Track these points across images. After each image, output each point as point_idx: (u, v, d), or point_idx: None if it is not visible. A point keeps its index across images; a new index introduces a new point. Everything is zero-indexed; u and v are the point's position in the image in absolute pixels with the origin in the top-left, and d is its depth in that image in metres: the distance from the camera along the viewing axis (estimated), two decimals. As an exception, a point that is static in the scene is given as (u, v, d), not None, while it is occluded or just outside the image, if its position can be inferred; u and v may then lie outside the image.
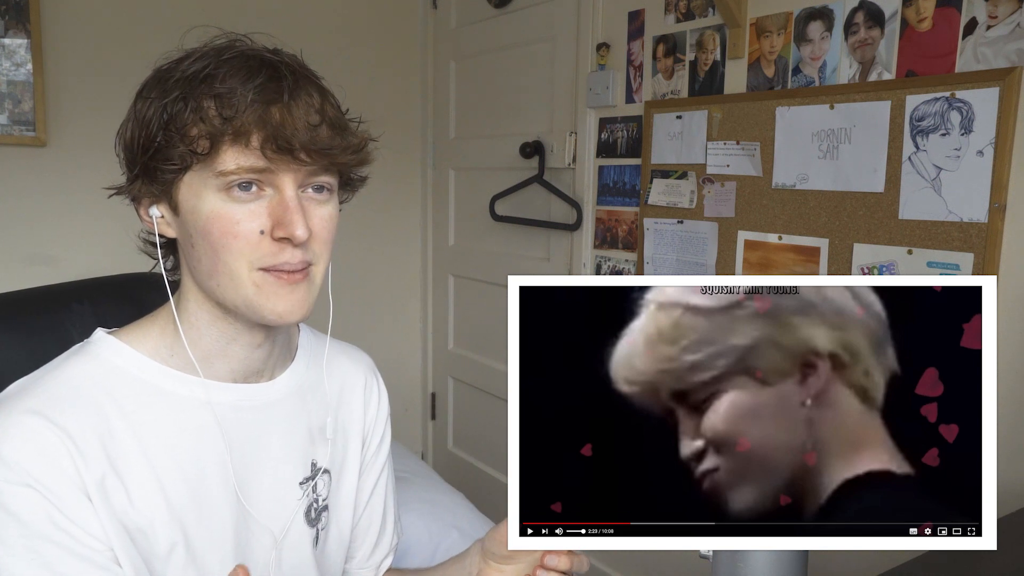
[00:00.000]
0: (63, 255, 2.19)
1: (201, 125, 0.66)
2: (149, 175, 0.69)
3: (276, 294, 0.70)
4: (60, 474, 0.66)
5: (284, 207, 0.68)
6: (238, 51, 0.69)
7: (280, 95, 0.66)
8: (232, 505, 0.76)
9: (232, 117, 0.65)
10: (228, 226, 0.67)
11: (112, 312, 0.92)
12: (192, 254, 0.71)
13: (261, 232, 0.68)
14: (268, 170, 0.67)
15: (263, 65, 0.68)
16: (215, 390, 0.76)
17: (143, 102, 0.69)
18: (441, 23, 2.69)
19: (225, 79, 0.66)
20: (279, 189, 0.68)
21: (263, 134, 0.66)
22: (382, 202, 2.72)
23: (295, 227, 0.67)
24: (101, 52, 2.18)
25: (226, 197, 0.67)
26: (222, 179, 0.66)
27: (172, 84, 0.67)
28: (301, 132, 0.67)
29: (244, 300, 0.70)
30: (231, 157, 0.66)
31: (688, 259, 1.85)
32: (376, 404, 0.93)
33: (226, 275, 0.69)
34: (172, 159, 0.67)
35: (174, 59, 0.70)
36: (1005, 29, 1.26)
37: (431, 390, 2.93)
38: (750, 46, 1.67)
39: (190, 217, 0.69)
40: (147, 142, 0.68)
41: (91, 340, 0.76)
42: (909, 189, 1.40)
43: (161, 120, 0.67)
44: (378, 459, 0.94)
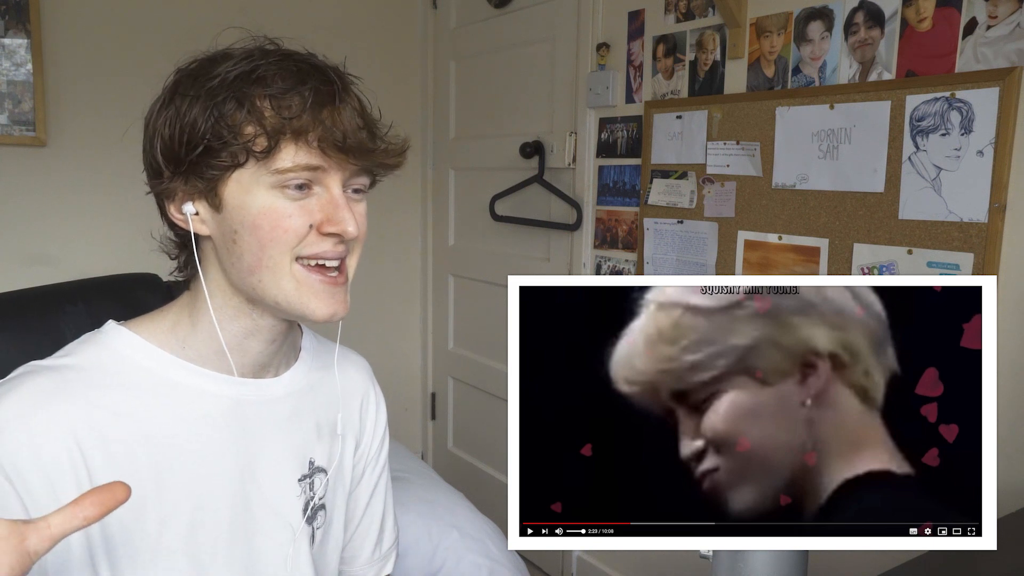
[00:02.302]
0: (63, 255, 2.19)
1: (258, 123, 0.68)
2: (194, 172, 0.70)
3: (318, 295, 0.72)
4: (40, 465, 0.66)
5: (335, 204, 0.71)
6: (283, 54, 0.71)
7: (332, 98, 0.70)
8: (232, 497, 0.77)
9: (291, 117, 0.68)
10: (279, 220, 0.70)
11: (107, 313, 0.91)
12: (232, 250, 0.72)
13: (310, 227, 0.71)
14: (321, 168, 0.70)
15: (314, 69, 0.71)
16: (224, 383, 0.77)
17: (183, 100, 0.69)
18: (441, 23, 2.69)
19: (277, 80, 0.68)
20: (327, 187, 0.71)
21: (320, 133, 0.68)
22: (382, 202, 2.72)
23: (347, 223, 0.71)
24: (101, 52, 2.17)
25: (279, 194, 0.70)
26: (278, 176, 0.69)
27: (218, 84, 0.68)
28: (351, 134, 0.70)
29: (284, 296, 0.72)
30: (289, 155, 0.68)
31: (688, 259, 1.85)
32: (374, 413, 0.95)
33: (269, 269, 0.71)
34: (223, 156, 0.68)
35: (205, 59, 0.71)
36: (1005, 29, 1.26)
37: (431, 390, 2.93)
38: (750, 46, 1.67)
39: (237, 213, 0.71)
40: (195, 140, 0.69)
41: (103, 329, 0.77)
42: (909, 189, 1.40)
43: (210, 119, 0.68)
44: (378, 466, 0.95)
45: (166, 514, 0.72)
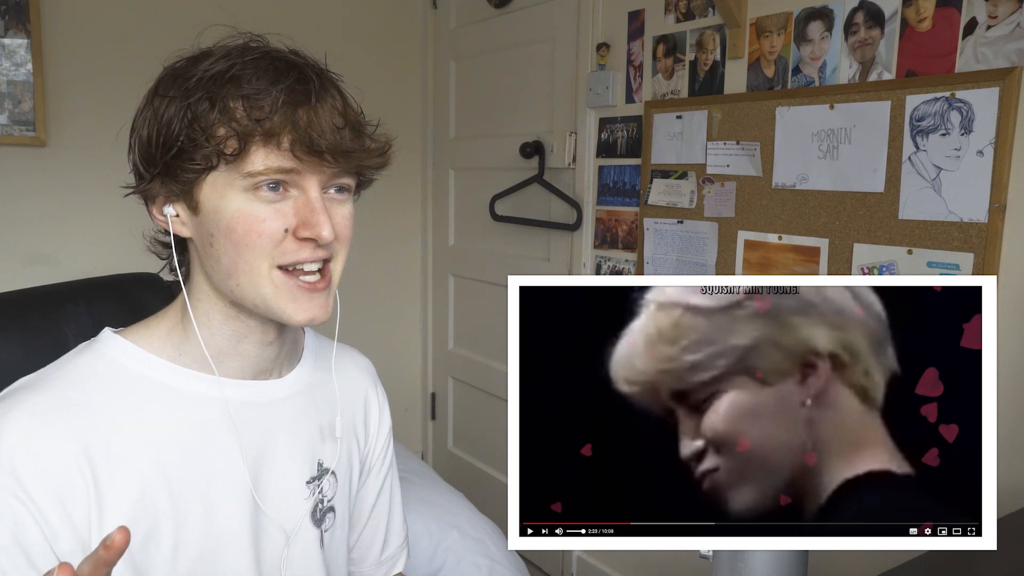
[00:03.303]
0: (63, 255, 2.19)
1: (229, 125, 0.66)
2: (169, 174, 0.69)
3: (296, 300, 0.71)
4: (49, 484, 0.65)
5: (310, 208, 0.69)
6: (261, 52, 0.69)
7: (308, 97, 0.67)
8: (243, 501, 0.76)
9: (262, 118, 0.66)
10: (253, 224, 0.68)
11: (108, 313, 0.91)
12: (210, 253, 0.71)
13: (285, 231, 0.69)
14: (295, 171, 0.68)
15: (290, 67, 0.68)
16: (226, 386, 0.76)
17: (161, 101, 0.68)
18: (441, 23, 2.69)
19: (251, 80, 0.66)
20: (304, 190, 0.69)
21: (292, 136, 0.66)
22: (382, 202, 2.72)
23: (321, 228, 0.68)
24: (101, 52, 2.18)
25: (252, 197, 0.68)
26: (250, 179, 0.67)
27: (194, 84, 0.67)
28: (328, 134, 0.68)
29: (263, 300, 0.71)
30: (260, 158, 0.67)
31: (688, 259, 1.85)
32: (378, 413, 0.94)
33: (246, 273, 0.70)
34: (196, 159, 0.67)
35: (189, 57, 0.70)
36: (1005, 29, 1.26)
37: (431, 390, 2.93)
38: (750, 46, 1.67)
39: (212, 216, 0.69)
40: (169, 141, 0.67)
41: (98, 339, 0.76)
42: (909, 189, 1.40)
43: (184, 120, 0.67)
44: (384, 466, 0.95)
45: (179, 523, 0.72)
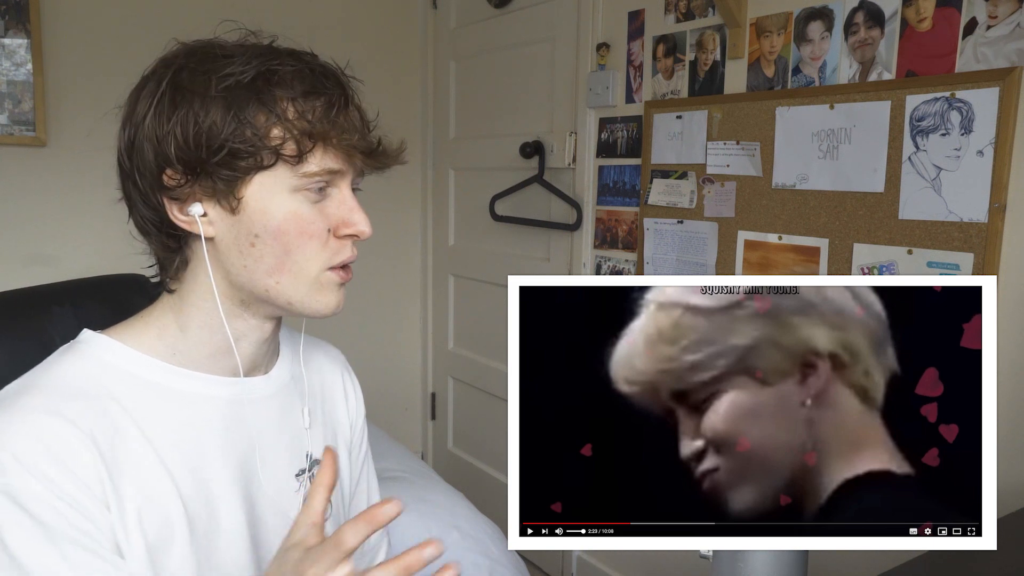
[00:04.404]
0: (63, 255, 2.19)
1: (282, 128, 0.68)
2: (211, 175, 0.68)
3: (331, 292, 0.75)
4: (74, 473, 0.65)
5: (348, 207, 0.73)
6: (293, 54, 0.71)
7: (346, 102, 0.71)
8: (238, 498, 0.77)
9: (315, 120, 0.68)
10: (304, 226, 0.71)
11: (94, 315, 0.89)
12: (250, 252, 0.71)
13: (328, 231, 0.72)
14: (340, 172, 0.71)
15: (326, 72, 0.71)
16: (219, 385, 0.77)
17: (198, 100, 0.67)
18: (441, 23, 2.69)
19: (294, 83, 0.69)
20: (339, 189, 0.73)
21: (337, 138, 0.70)
22: (382, 202, 2.72)
23: (364, 224, 0.73)
24: (101, 52, 2.18)
25: (300, 197, 0.70)
26: (304, 180, 0.69)
27: (235, 84, 0.67)
28: (363, 136, 0.72)
29: (298, 297, 0.73)
30: (315, 159, 0.69)
31: (688, 259, 1.85)
32: (355, 400, 0.96)
33: (292, 273, 0.72)
34: (248, 160, 0.68)
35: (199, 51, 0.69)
36: (1005, 29, 1.26)
37: (431, 390, 2.93)
38: (750, 46, 1.67)
39: (259, 216, 0.70)
40: (217, 142, 0.67)
41: (79, 340, 0.75)
42: (909, 189, 1.40)
43: (232, 121, 0.67)
44: (360, 453, 0.96)
45: (187, 522, 0.72)
